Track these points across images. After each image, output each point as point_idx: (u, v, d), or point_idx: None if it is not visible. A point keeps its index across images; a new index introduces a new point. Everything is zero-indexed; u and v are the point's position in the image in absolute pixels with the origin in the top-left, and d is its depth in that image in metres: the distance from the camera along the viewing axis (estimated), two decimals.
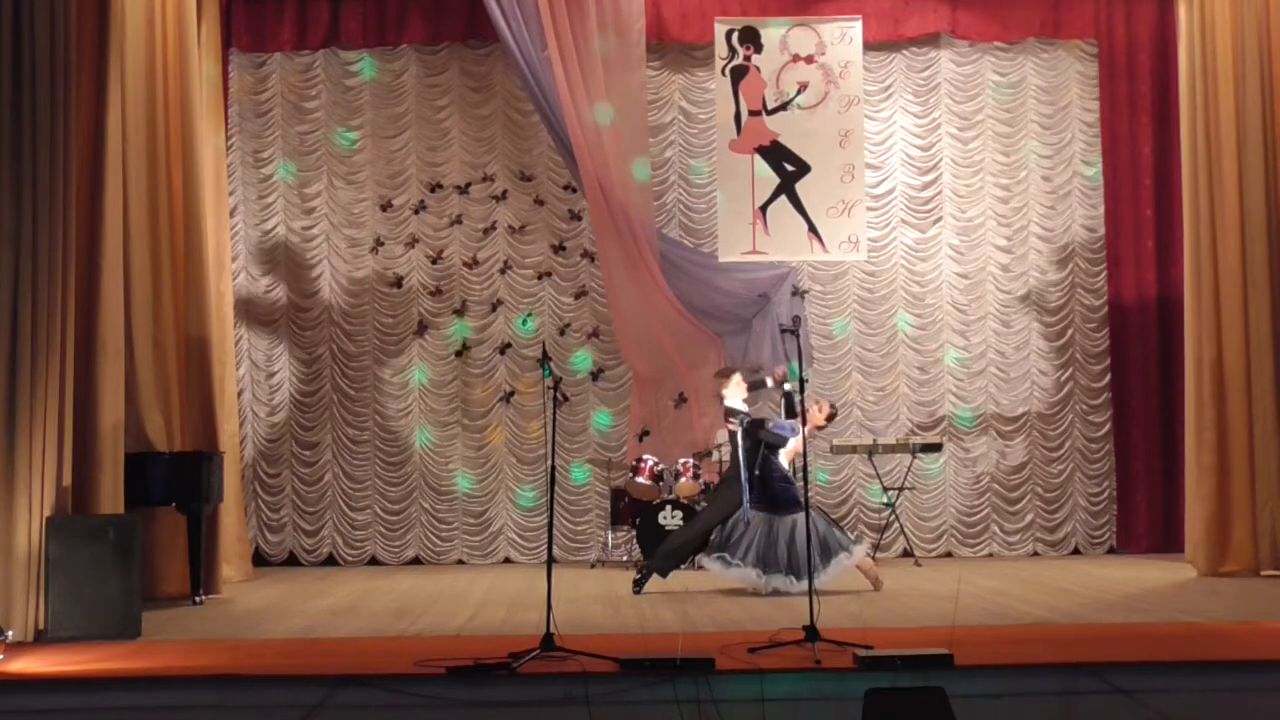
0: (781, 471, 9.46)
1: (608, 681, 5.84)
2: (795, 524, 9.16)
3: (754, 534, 9.24)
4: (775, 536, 9.21)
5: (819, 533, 9.00)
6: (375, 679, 5.93)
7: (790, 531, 9.20)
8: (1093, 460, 12.45)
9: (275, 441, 12.37)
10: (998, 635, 7.18)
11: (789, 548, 9.16)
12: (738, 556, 9.18)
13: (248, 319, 12.35)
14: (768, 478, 9.35)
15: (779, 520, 9.26)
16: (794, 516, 9.18)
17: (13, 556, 7.34)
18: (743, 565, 9.16)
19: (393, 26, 12.47)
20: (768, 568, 9.14)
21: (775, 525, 9.26)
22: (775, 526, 9.25)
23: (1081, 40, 12.64)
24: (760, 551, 9.19)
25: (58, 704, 5.93)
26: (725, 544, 9.31)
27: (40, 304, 7.56)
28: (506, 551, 12.28)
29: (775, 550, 9.18)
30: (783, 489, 9.38)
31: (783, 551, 9.17)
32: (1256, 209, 10.22)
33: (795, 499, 9.26)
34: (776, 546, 9.19)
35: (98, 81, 8.47)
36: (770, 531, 9.24)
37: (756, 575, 9.13)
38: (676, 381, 11.99)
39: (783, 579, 9.09)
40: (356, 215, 12.51)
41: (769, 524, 9.27)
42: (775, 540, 9.20)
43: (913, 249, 12.56)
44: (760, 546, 9.21)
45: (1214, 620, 7.72)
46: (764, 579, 9.11)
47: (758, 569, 9.13)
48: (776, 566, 9.13)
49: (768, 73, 12.13)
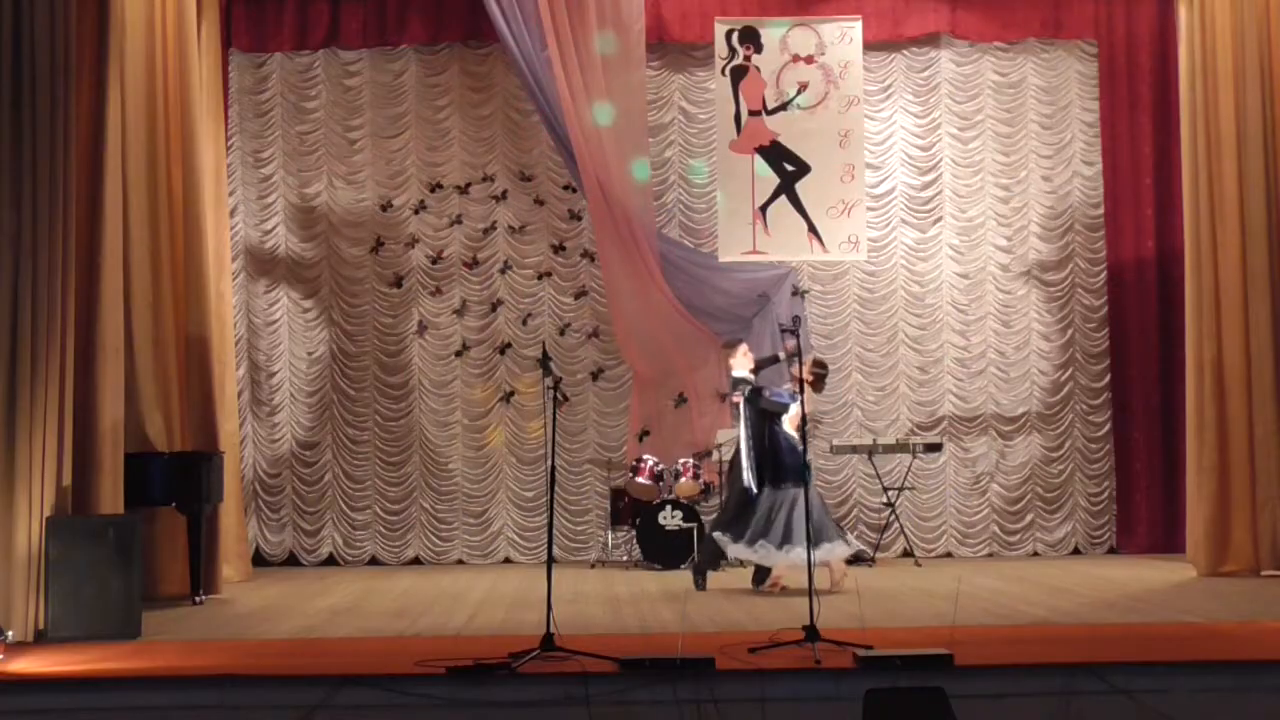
0: (790, 442, 9.42)
1: (608, 681, 5.84)
2: (796, 498, 9.16)
3: (759, 512, 9.29)
4: (776, 510, 9.24)
5: (814, 516, 9.00)
6: (375, 679, 5.93)
7: (790, 505, 9.21)
8: (1093, 460, 12.44)
9: (275, 441, 12.36)
10: (998, 635, 7.18)
11: (786, 520, 9.17)
12: (743, 538, 9.27)
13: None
14: (776, 449, 9.38)
15: (781, 493, 9.29)
16: (795, 491, 9.18)
17: (13, 556, 7.34)
18: (740, 544, 9.29)
19: (393, 26, 12.47)
20: (756, 538, 9.20)
21: (777, 498, 9.28)
22: (778, 499, 9.28)
23: (1081, 40, 12.64)
24: (758, 529, 9.24)
25: (58, 704, 5.93)
26: (731, 523, 9.40)
27: (40, 304, 7.57)
28: (506, 551, 12.28)
29: (772, 523, 9.20)
30: (790, 460, 9.35)
31: (779, 525, 9.18)
32: (1256, 209, 10.22)
33: (799, 473, 9.21)
34: (773, 519, 9.21)
35: (98, 81, 8.47)
36: (773, 507, 9.27)
37: (746, 548, 9.26)
38: (677, 381, 11.99)
39: (767, 547, 9.13)
40: (356, 215, 12.52)
41: (773, 499, 9.30)
42: (774, 513, 9.22)
43: (913, 249, 12.56)
44: (759, 525, 9.25)
45: (1214, 620, 7.72)
46: (750, 549, 9.21)
47: (749, 543, 9.24)
48: (767, 536, 9.17)
49: (768, 73, 12.13)
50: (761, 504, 9.32)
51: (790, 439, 9.42)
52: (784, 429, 9.46)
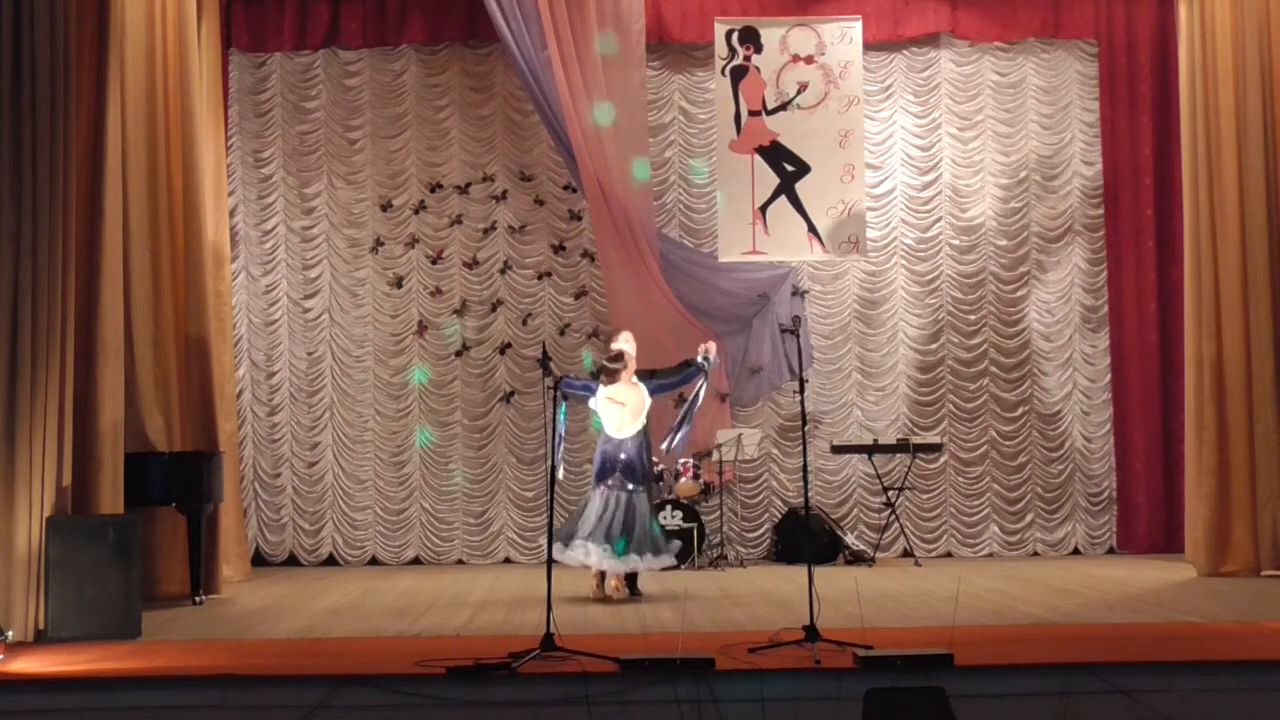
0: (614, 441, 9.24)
1: (608, 681, 5.84)
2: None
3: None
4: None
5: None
6: (375, 679, 5.93)
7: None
8: (1093, 460, 12.45)
9: (275, 441, 12.37)
10: (998, 635, 7.18)
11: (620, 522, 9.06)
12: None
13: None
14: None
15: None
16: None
17: (13, 556, 7.34)
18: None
19: (393, 26, 12.47)
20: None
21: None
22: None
23: (1081, 40, 12.64)
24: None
25: (58, 704, 5.93)
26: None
27: (40, 304, 7.56)
28: (506, 551, 12.29)
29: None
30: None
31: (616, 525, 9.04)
32: (1256, 209, 10.22)
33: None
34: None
35: (98, 81, 8.47)
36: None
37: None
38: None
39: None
40: (356, 215, 12.52)
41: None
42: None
43: (913, 249, 12.56)
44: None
45: (1214, 620, 7.73)
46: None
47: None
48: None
49: (768, 73, 12.12)
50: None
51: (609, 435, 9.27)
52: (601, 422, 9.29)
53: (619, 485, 9.12)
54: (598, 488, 9.19)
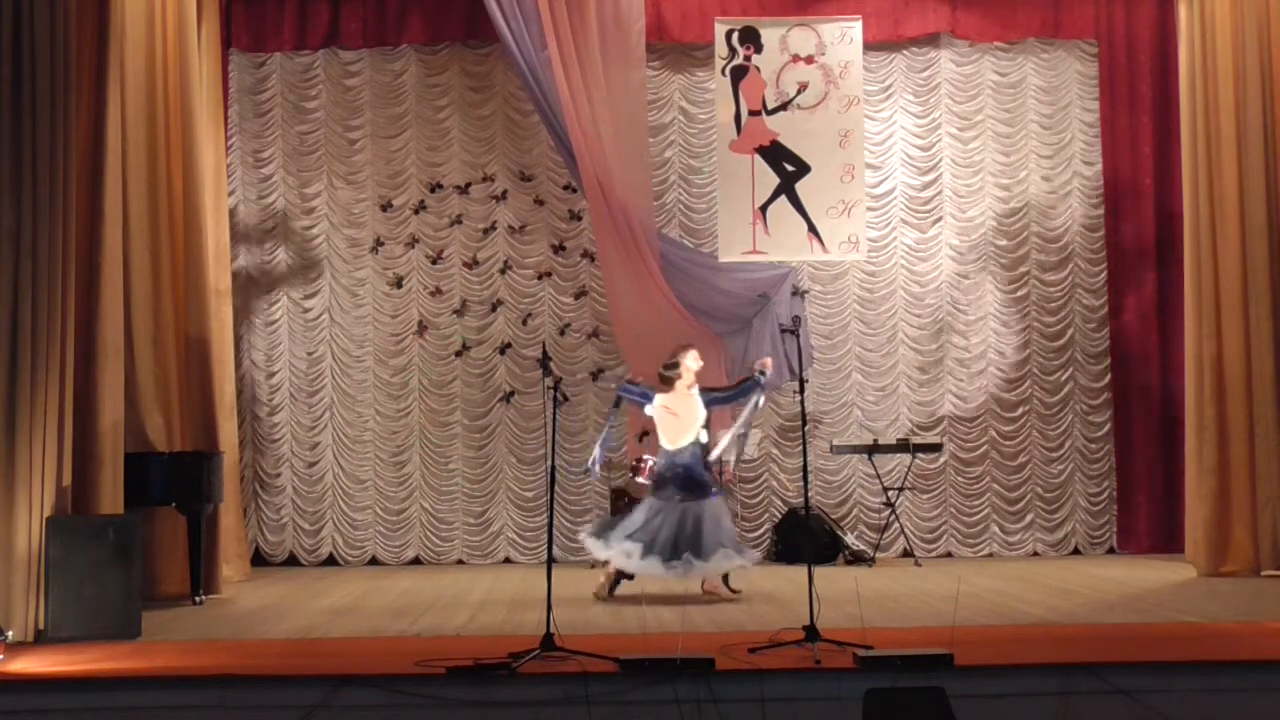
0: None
1: (608, 681, 5.85)
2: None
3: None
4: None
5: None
6: (375, 679, 5.94)
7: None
8: (1093, 460, 12.44)
9: (275, 442, 12.37)
10: (998, 635, 7.19)
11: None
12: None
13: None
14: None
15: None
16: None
17: (13, 556, 7.34)
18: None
19: (393, 26, 12.47)
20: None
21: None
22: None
23: (1081, 40, 12.64)
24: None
25: (58, 704, 5.94)
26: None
27: (40, 304, 7.57)
28: (506, 551, 12.29)
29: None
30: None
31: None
32: (1256, 209, 10.22)
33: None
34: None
35: (98, 81, 8.47)
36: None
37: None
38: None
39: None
40: (356, 215, 12.52)
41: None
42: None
43: (913, 249, 12.56)
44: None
45: (1214, 620, 7.73)
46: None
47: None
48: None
49: (768, 73, 12.12)
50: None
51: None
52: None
53: (672, 497, 9.18)
54: (651, 498, 9.27)
